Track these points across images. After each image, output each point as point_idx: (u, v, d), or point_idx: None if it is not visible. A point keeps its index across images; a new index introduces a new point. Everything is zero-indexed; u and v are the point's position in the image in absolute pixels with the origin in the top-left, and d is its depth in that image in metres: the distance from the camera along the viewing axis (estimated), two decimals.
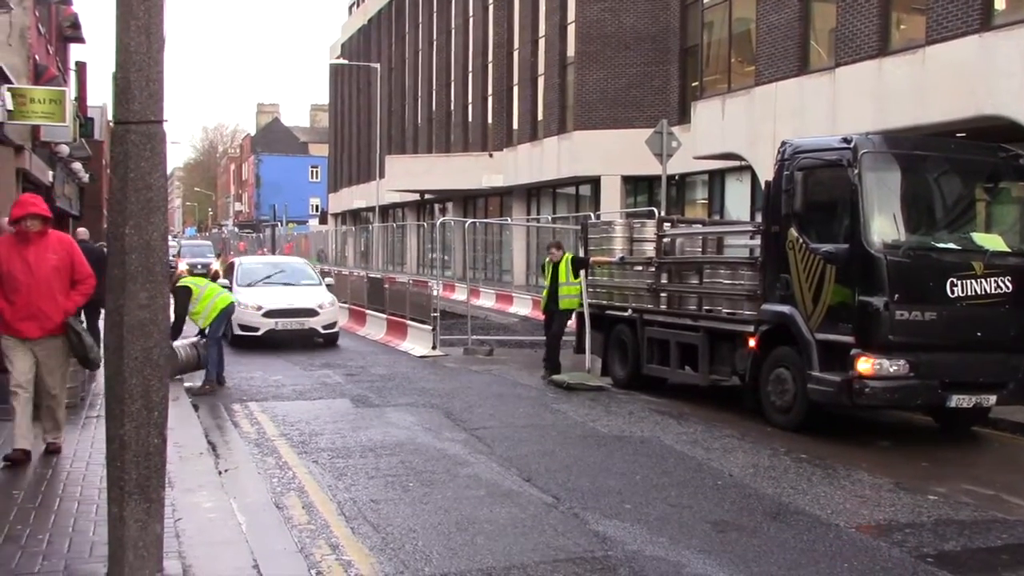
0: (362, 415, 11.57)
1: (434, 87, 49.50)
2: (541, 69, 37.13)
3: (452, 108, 47.27)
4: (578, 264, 14.89)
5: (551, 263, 14.93)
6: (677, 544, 6.63)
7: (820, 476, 8.73)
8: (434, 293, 18.74)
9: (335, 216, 70.30)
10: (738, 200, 26.87)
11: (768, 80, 22.01)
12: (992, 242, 10.43)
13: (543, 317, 15.65)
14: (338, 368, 15.75)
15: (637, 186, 32.05)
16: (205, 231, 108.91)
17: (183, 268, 19.44)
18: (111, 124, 5.31)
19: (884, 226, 10.00)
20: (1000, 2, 16.81)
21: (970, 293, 9.94)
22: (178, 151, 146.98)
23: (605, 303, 14.83)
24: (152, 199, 5.07)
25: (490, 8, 42.08)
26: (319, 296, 19.33)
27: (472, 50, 44.41)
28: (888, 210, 10.19)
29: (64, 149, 27.40)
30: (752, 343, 11.33)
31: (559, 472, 8.69)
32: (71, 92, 26.64)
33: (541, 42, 37.14)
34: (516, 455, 9.36)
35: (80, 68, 33.68)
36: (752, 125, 22.35)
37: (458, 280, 32.04)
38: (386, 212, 55.85)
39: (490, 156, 40.95)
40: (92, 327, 14.91)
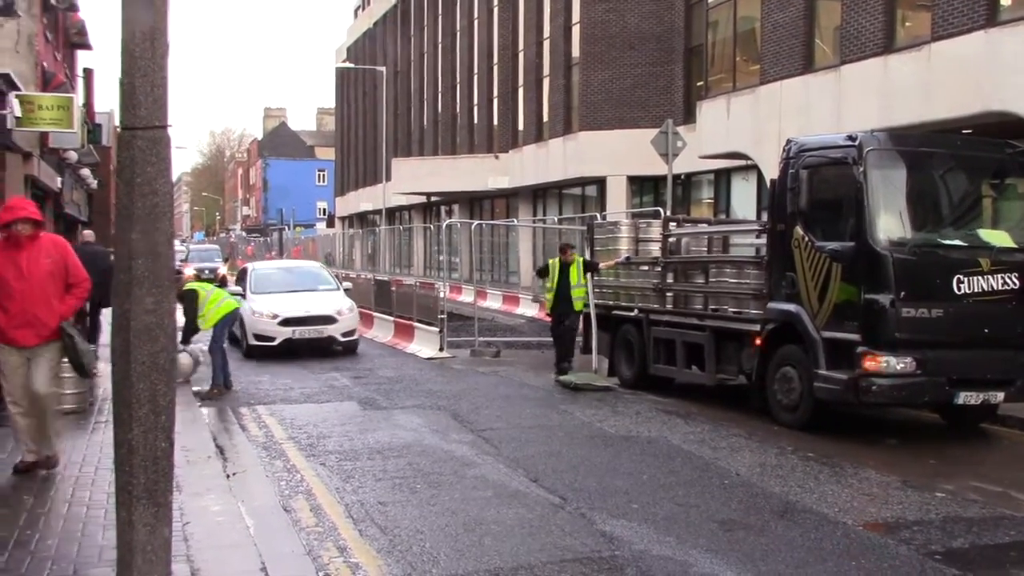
0: (369, 417, 11.60)
1: (440, 89, 49.56)
2: (546, 70, 37.14)
3: (458, 110, 47.31)
4: (588, 268, 14.87)
5: (560, 263, 14.86)
6: (684, 543, 6.64)
7: (827, 474, 8.73)
8: (440, 295, 18.75)
9: (342, 219, 70.39)
10: (744, 199, 26.85)
11: (773, 79, 21.98)
12: (999, 238, 10.42)
13: (550, 319, 15.63)
14: (345, 371, 15.79)
15: (643, 186, 32.04)
16: (213, 235, 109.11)
17: (190, 273, 19.47)
18: (118, 130, 5.33)
19: (890, 223, 9.98)
20: None
21: (977, 290, 9.93)
22: (186, 156, 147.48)
23: (611, 303, 14.84)
24: (158, 204, 5.08)
25: (495, 10, 42.12)
26: (337, 302, 18.42)
27: (477, 52, 44.45)
28: (894, 207, 10.17)
29: (72, 155, 27.52)
30: (758, 342, 11.33)
31: (566, 472, 8.70)
32: (79, 98, 26.71)
33: (546, 43, 37.15)
34: (523, 456, 9.37)
35: (87, 74, 33.81)
36: (757, 124, 22.32)
37: (465, 282, 32.05)
38: (393, 215, 55.91)
39: (496, 158, 40.97)
40: (94, 326, 14.95)
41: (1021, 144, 11.23)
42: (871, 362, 9.79)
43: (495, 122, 42.71)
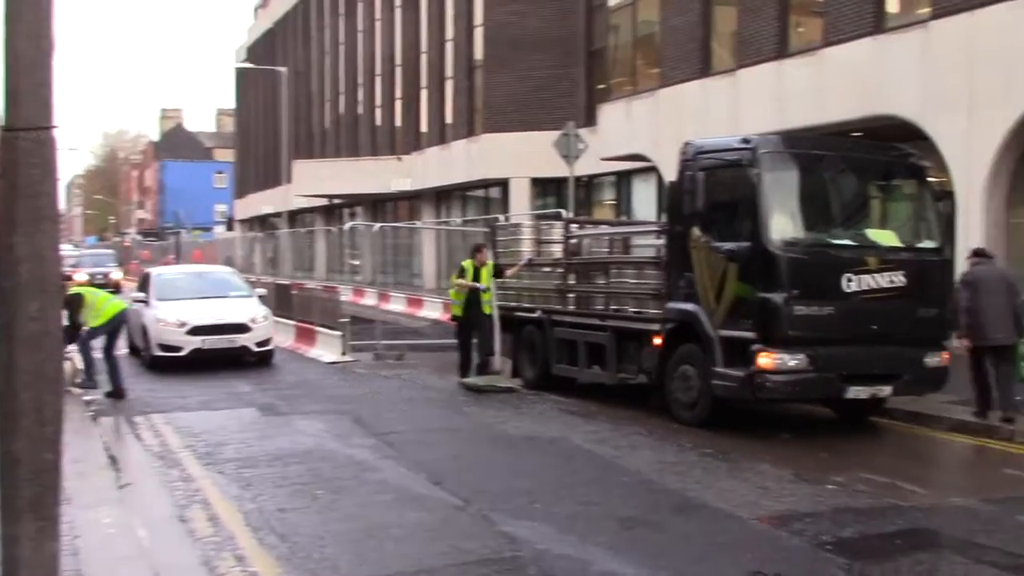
0: (270, 424, 11.42)
1: (342, 90, 49.07)
2: (449, 72, 37.12)
3: (360, 112, 46.92)
4: (498, 272, 14.71)
5: (475, 266, 14.54)
6: (585, 542, 6.70)
7: (724, 470, 8.91)
8: (342, 298, 18.56)
9: (242, 222, 69.19)
10: (645, 201, 27.23)
11: (672, 82, 22.38)
12: (886, 238, 10.80)
13: (454, 324, 15.35)
14: (246, 377, 15.47)
15: (546, 188, 32.24)
16: (107, 240, 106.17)
17: (83, 278, 18.86)
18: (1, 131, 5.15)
19: (783, 224, 10.23)
20: (892, 5, 17.38)
21: (865, 288, 10.24)
22: (78, 158, 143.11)
23: (514, 304, 14.87)
24: (43, 207, 4.94)
25: (397, 11, 41.89)
26: (251, 309, 17.09)
27: (380, 53, 44.13)
28: (787, 208, 10.42)
29: None
30: (658, 341, 11.50)
31: (468, 474, 8.71)
32: None
33: (448, 45, 37.12)
34: (425, 459, 9.34)
35: None
36: (657, 126, 22.69)
37: (368, 285, 31.83)
38: (294, 218, 55.16)
39: (399, 160, 40.75)
40: None
41: (907, 147, 11.65)
42: (766, 359, 10.02)
43: (398, 124, 42.48)
